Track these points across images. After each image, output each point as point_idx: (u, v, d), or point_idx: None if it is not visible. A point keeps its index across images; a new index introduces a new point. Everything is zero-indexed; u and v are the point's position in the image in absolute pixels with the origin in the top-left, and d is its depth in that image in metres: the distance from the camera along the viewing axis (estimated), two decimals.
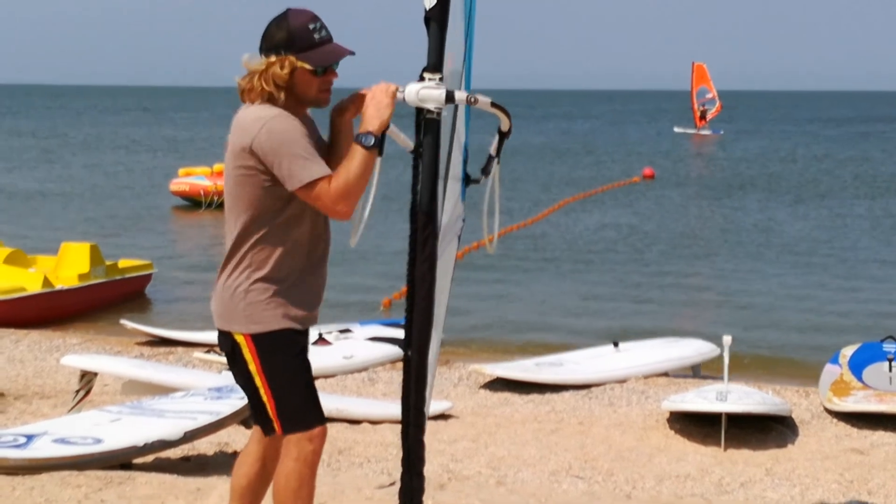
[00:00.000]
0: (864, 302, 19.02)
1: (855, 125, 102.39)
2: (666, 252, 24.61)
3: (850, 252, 24.71)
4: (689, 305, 19.06)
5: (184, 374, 10.97)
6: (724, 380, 10.67)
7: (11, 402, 10.63)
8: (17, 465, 7.07)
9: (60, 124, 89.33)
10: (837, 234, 27.52)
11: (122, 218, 30.11)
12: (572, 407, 11.41)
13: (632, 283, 20.82)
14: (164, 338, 14.56)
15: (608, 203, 33.72)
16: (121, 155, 54.73)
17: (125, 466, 7.57)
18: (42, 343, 13.97)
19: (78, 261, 16.73)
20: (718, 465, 9.35)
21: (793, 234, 27.54)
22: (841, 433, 10.63)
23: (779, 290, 19.93)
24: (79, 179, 41.34)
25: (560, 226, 28.31)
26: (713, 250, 24.92)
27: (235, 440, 9.20)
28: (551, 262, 22.89)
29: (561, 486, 8.40)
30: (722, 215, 31.34)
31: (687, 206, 33.59)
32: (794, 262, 23.24)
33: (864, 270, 22.34)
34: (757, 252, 24.53)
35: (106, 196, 35.51)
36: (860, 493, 8.62)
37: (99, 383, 10.50)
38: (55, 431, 7.83)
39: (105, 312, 16.59)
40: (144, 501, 6.54)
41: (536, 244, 25.07)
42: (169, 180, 32.88)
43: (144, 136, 72.96)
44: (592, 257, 23.76)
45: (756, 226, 29.05)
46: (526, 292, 19.48)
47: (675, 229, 28.22)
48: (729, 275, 21.68)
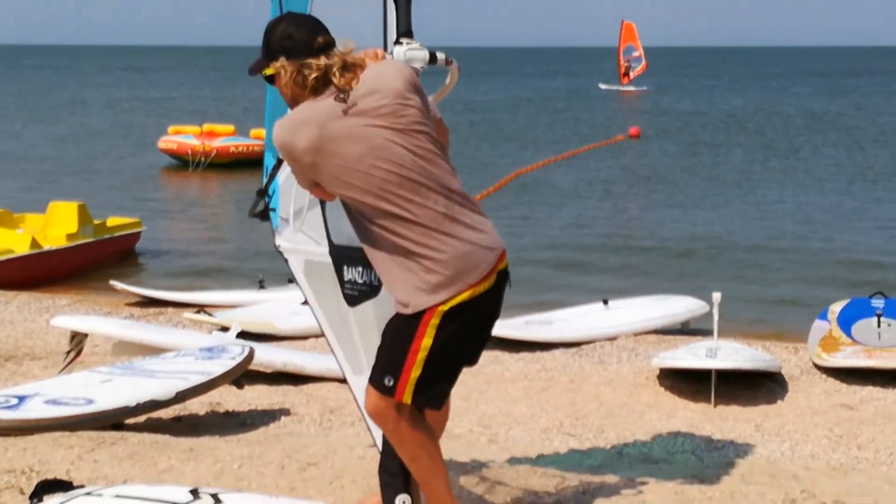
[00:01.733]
0: (850, 254, 19.07)
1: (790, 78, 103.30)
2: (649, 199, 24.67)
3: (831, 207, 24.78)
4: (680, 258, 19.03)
5: (174, 335, 10.96)
6: (713, 336, 10.69)
7: (2, 364, 10.64)
8: (8, 426, 7.08)
9: (47, 85, 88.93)
10: (811, 189, 27.56)
11: (109, 175, 30.06)
12: (562, 365, 11.44)
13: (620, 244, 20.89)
14: (154, 298, 14.57)
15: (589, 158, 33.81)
16: (108, 115, 54.56)
17: (117, 427, 7.58)
18: (31, 304, 13.96)
19: (66, 220, 16.68)
20: (708, 421, 9.39)
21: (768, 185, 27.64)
22: (830, 389, 10.68)
23: (767, 244, 19.98)
24: (65, 139, 41.21)
25: (546, 179, 28.33)
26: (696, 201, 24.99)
27: (227, 400, 9.23)
28: (541, 222, 22.91)
29: (552, 443, 8.43)
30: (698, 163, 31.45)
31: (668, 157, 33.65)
32: (784, 209, 23.33)
33: (845, 223, 22.42)
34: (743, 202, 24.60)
35: (93, 156, 35.41)
36: (850, 447, 8.67)
37: (89, 344, 10.50)
38: (46, 392, 7.83)
39: (94, 272, 16.56)
40: (137, 461, 6.54)
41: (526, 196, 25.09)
42: (157, 139, 32.81)
43: (128, 96, 72.66)
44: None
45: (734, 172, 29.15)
46: (514, 248, 19.46)
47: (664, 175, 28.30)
48: (716, 227, 21.71)
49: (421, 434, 4.59)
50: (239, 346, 9.35)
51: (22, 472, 6.16)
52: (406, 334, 4.46)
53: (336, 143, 4.31)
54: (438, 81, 5.09)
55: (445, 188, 4.41)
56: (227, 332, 11.43)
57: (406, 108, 4.37)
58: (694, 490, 6.29)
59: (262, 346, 10.03)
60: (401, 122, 4.35)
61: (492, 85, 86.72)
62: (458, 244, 4.38)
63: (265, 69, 4.52)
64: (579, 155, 34.56)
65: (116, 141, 40.37)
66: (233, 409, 9.11)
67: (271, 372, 10.13)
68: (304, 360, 10.30)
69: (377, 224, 4.40)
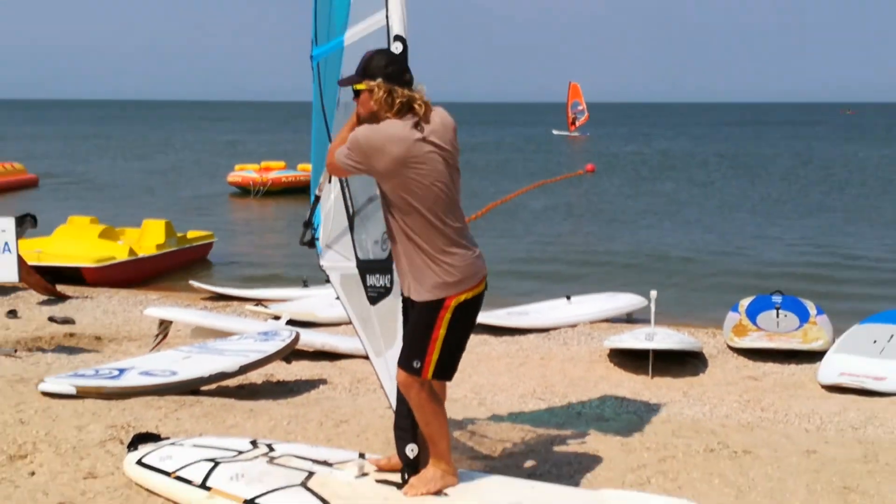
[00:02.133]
0: (754, 261, 19.09)
1: (704, 128, 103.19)
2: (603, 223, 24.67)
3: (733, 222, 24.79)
4: (625, 266, 19.03)
5: (238, 322, 10.96)
6: (651, 324, 10.68)
7: (107, 344, 10.64)
8: (111, 392, 7.08)
9: (142, 130, 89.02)
10: (724, 212, 27.58)
11: (190, 200, 30.08)
12: (535, 346, 11.43)
13: (579, 250, 20.88)
14: (222, 294, 14.56)
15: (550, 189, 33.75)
16: (187, 154, 54.60)
17: (194, 392, 7.58)
18: (129, 299, 13.96)
19: (156, 234, 16.70)
20: (647, 389, 9.38)
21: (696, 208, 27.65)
22: (740, 364, 10.68)
23: (691, 254, 19.99)
24: (155, 172, 41.23)
25: (520, 206, 28.32)
26: (634, 220, 24.99)
27: (278, 372, 9.22)
28: (518, 237, 22.90)
29: (527, 405, 8.41)
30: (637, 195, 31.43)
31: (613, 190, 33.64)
32: (704, 228, 23.34)
33: (746, 236, 22.43)
34: (675, 220, 24.61)
35: (177, 185, 35.43)
36: (755, 409, 8.66)
37: (173, 329, 10.52)
38: (140, 366, 7.84)
39: (178, 274, 16.56)
40: (210, 418, 6.54)
41: (508, 220, 25.07)
42: (226, 174, 32.94)
43: (202, 139, 72.71)
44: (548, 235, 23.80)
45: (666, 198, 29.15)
46: (498, 258, 19.49)
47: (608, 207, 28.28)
48: (654, 241, 21.71)
49: (435, 405, 4.71)
50: (288, 331, 9.35)
51: (122, 427, 6.17)
52: (427, 327, 4.58)
53: (416, 160, 4.43)
54: None
55: (462, 213, 4.63)
56: (279, 320, 11.43)
57: (455, 151, 4.59)
58: (635, 441, 6.29)
59: (305, 331, 10.02)
60: (452, 159, 4.56)
61: (461, 133, 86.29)
62: (467, 255, 4.58)
63: (358, 84, 4.57)
64: (547, 185, 34.53)
65: (194, 174, 40.36)
66: (283, 379, 9.11)
67: (312, 351, 10.12)
68: (337, 342, 10.29)
69: (415, 231, 4.53)
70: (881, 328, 10.98)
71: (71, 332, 11.13)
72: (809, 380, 9.88)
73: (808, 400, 9.05)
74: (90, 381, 7.21)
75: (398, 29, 4.70)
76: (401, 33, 4.69)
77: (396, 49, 4.65)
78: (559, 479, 5.50)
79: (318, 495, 4.68)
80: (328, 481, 4.85)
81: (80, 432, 6.03)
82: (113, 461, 5.54)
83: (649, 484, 5.50)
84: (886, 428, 7.98)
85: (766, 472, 5.74)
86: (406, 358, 4.65)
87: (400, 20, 4.70)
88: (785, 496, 5.36)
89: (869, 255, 20.25)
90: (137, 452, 5.39)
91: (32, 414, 6.41)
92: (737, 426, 7.39)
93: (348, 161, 4.53)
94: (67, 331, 11.23)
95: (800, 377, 10.06)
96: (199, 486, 4.90)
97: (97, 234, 16.13)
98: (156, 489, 5.07)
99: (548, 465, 5.75)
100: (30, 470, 5.42)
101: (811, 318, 11.81)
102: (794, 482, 5.57)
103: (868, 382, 9.39)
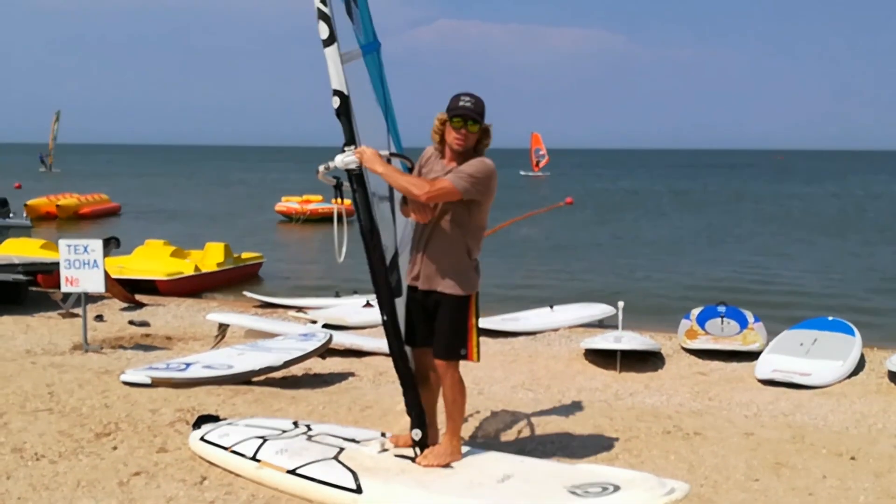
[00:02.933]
0: (703, 278, 19.04)
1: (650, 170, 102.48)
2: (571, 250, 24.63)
3: (680, 245, 24.75)
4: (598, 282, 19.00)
5: (283, 325, 10.96)
6: (619, 328, 10.66)
7: (176, 343, 10.63)
8: (179, 382, 7.08)
9: (203, 169, 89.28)
10: (676, 240, 27.52)
11: (244, 227, 30.10)
12: (524, 346, 11.40)
13: (560, 269, 20.83)
14: (270, 303, 14.55)
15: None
16: (242, 189, 54.72)
17: (247, 383, 7.57)
18: (194, 306, 13.95)
19: (216, 254, 16.71)
20: (615, 382, 9.35)
21: (652, 236, 27.59)
22: (691, 362, 10.63)
23: (650, 273, 19.95)
24: (216, 203, 41.35)
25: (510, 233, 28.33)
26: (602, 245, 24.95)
27: (315, 366, 9.20)
28: (516, 258, 22.87)
29: (517, 394, 8.39)
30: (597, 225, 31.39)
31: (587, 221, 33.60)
32: (659, 253, 23.29)
33: (691, 258, 22.38)
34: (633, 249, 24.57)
35: (233, 214, 35.47)
36: (704, 399, 8.62)
37: (230, 332, 10.51)
38: (203, 361, 7.84)
39: (234, 286, 16.54)
40: (259, 404, 6.53)
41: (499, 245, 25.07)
42: (274, 204, 32.96)
43: (254, 178, 72.87)
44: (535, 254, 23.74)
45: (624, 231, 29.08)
46: (495, 275, 19.47)
47: (586, 237, 28.24)
48: (619, 265, 21.67)
49: (463, 386, 4.82)
50: (323, 333, 9.34)
51: (187, 410, 6.16)
52: (463, 318, 4.63)
53: (495, 186, 4.64)
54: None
55: None
56: (316, 324, 11.42)
57: None
58: (605, 425, 6.27)
59: (337, 333, 10.01)
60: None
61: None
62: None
63: (481, 123, 4.60)
64: (533, 216, 34.42)
65: (248, 206, 40.39)
66: (319, 372, 9.09)
67: (343, 349, 10.11)
68: (363, 342, 10.26)
69: (470, 239, 4.65)
70: (806, 333, 10.97)
71: (147, 333, 11.13)
72: (748, 375, 9.83)
73: (747, 392, 9.01)
74: (162, 373, 7.21)
75: (334, 83, 4.43)
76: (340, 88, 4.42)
77: (334, 104, 4.44)
78: (544, 455, 5.48)
79: (348, 467, 4.67)
80: (356, 455, 4.84)
81: (154, 415, 6.03)
82: (181, 438, 5.53)
83: (617, 460, 5.48)
84: (811, 415, 7.94)
85: (712, 450, 5.71)
86: (448, 349, 4.64)
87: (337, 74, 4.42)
88: (728, 470, 5.33)
89: (794, 274, 20.20)
90: (200, 431, 5.38)
91: (115, 399, 6.41)
92: (689, 412, 7.36)
93: (473, 189, 4.54)
94: (144, 332, 11.22)
95: (740, 373, 10.01)
96: (250, 459, 4.89)
97: (168, 253, 16.17)
98: (215, 461, 5.05)
99: (534, 443, 5.73)
100: (112, 445, 5.41)
101: (749, 324, 11.76)
102: (736, 459, 5.54)
103: (796, 378, 9.35)
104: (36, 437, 5.45)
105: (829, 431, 6.88)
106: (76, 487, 4.68)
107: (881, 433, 7.13)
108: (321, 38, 4.42)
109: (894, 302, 16.54)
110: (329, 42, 4.41)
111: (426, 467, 4.67)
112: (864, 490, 5.03)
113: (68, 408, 6.13)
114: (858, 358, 10.22)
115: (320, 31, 4.41)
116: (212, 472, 4.98)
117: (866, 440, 6.31)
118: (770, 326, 11.94)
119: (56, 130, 61.68)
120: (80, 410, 6.08)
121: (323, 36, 4.41)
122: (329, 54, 4.42)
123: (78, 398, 6.39)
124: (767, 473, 5.30)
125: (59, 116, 60.83)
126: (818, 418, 7.82)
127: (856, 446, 5.92)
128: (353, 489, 4.46)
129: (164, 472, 4.95)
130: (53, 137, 62.68)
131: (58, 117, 60.70)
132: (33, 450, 5.23)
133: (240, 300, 15.15)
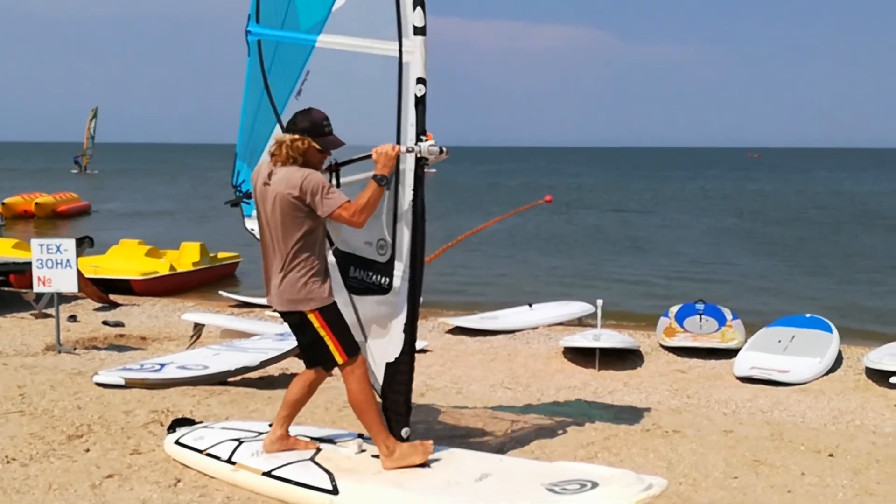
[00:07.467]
0: (681, 276, 19.15)
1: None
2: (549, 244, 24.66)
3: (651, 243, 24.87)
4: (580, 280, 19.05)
5: (259, 325, 10.91)
6: (597, 326, 10.69)
7: (150, 343, 10.55)
8: (154, 383, 7.01)
9: (182, 170, 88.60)
10: (664, 236, 27.67)
11: (219, 225, 29.87)
12: (503, 344, 11.42)
13: (539, 265, 20.87)
14: (246, 302, 14.47)
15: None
16: (217, 187, 54.25)
17: (222, 383, 7.52)
18: (169, 306, 13.86)
19: (192, 253, 16.64)
20: (594, 380, 9.38)
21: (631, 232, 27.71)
22: (670, 360, 10.70)
23: (629, 271, 20.02)
24: (191, 202, 41.08)
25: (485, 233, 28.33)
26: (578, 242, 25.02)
27: (292, 367, 9.14)
28: (492, 255, 22.87)
29: (496, 393, 8.40)
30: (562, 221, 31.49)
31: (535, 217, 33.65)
32: (636, 248, 23.39)
33: (663, 256, 22.50)
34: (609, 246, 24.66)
35: (206, 213, 35.22)
36: (682, 397, 8.67)
37: (206, 331, 10.44)
38: (178, 361, 7.77)
39: (210, 286, 16.46)
40: (235, 404, 6.48)
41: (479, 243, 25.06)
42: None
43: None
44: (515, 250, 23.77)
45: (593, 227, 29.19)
46: (474, 274, 19.46)
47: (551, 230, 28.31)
48: (598, 261, 21.74)
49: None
50: None
51: (161, 411, 6.10)
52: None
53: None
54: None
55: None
56: None
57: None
58: (584, 423, 6.27)
59: None
60: None
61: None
62: None
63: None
64: (513, 215, 34.38)
65: (221, 203, 40.10)
66: (295, 372, 9.02)
67: None
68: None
69: (316, 253, 4.58)
70: (784, 330, 11.05)
71: (121, 334, 11.03)
72: (727, 372, 9.90)
73: (725, 389, 9.06)
74: (136, 374, 7.14)
75: (420, 72, 4.40)
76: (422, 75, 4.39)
77: (419, 91, 4.39)
78: (522, 453, 5.46)
79: (324, 468, 4.64)
80: (332, 456, 4.81)
81: (128, 416, 5.96)
82: (154, 440, 5.47)
83: (596, 458, 5.47)
84: (789, 412, 8.00)
85: (691, 447, 5.72)
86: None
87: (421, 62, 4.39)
88: (707, 468, 5.35)
89: (773, 270, 20.36)
90: (175, 433, 5.32)
91: (88, 401, 6.33)
92: (668, 410, 7.39)
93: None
94: (118, 332, 11.13)
95: (719, 370, 10.08)
96: (225, 461, 4.85)
97: (143, 253, 16.06)
98: (190, 464, 5.00)
99: (513, 442, 5.71)
100: (85, 447, 5.34)
101: (728, 322, 11.84)
102: (715, 456, 5.56)
103: (774, 375, 9.42)
104: (7, 440, 5.37)
105: (808, 428, 6.93)
106: (48, 490, 4.61)
107: (859, 430, 7.20)
108: (416, 25, 4.40)
109: (872, 298, 16.72)
110: (422, 31, 4.41)
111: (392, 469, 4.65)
112: (842, 487, 5.06)
113: (40, 409, 6.05)
114: (836, 355, 10.32)
115: (415, 19, 4.40)
116: (186, 474, 4.93)
117: (844, 437, 6.36)
118: (748, 322, 12.04)
119: (93, 129, 56.06)
120: (52, 412, 6.00)
121: (419, 24, 4.40)
122: (422, 43, 4.41)
123: (50, 400, 6.31)
124: (746, 471, 5.32)
125: (96, 113, 55.45)
126: (796, 415, 7.87)
127: (834, 443, 5.96)
128: (329, 490, 4.43)
129: (137, 475, 4.89)
130: (90, 136, 56.96)
131: (95, 114, 55.37)
132: (3, 453, 5.16)
133: (216, 300, 15.06)
